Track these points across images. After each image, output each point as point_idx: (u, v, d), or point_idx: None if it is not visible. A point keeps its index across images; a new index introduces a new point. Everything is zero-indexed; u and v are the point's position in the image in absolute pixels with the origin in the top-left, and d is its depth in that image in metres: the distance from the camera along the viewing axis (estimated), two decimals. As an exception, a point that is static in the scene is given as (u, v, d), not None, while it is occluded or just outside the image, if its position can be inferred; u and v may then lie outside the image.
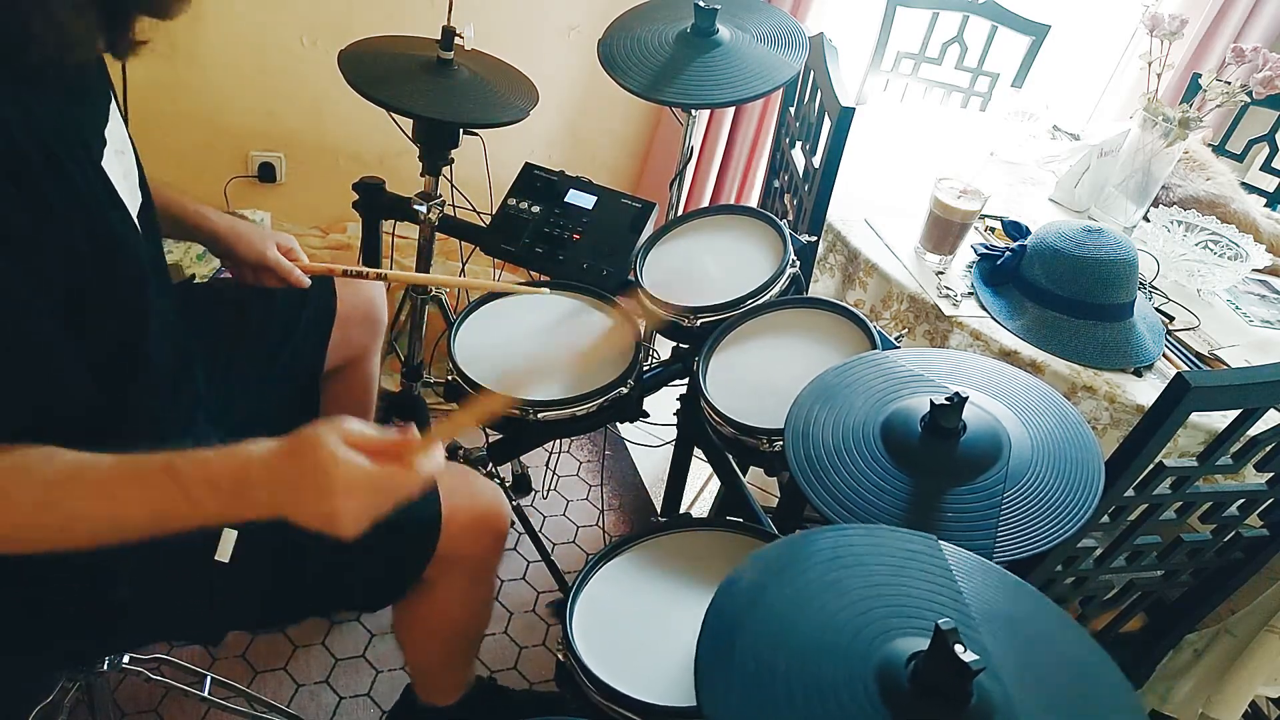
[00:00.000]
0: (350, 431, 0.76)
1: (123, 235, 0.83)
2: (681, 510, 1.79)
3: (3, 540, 0.74)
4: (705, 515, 1.74)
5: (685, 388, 1.54)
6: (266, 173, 2.22)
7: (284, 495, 0.75)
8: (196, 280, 1.80)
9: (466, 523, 1.10)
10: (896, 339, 1.27)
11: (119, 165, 0.85)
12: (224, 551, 0.96)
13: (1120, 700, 0.69)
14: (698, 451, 1.61)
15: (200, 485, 0.74)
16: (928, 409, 0.92)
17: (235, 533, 0.96)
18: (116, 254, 0.82)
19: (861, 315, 1.25)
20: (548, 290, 1.46)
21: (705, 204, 2.49)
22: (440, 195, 1.66)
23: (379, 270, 1.33)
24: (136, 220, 0.89)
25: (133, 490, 0.74)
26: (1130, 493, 1.16)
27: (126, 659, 1.25)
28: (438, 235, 1.69)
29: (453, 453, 1.53)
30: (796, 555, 0.77)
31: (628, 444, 2.24)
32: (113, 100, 0.88)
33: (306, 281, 1.24)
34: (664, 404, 1.61)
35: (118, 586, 0.93)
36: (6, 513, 0.72)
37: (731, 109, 2.36)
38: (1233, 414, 1.12)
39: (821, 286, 1.67)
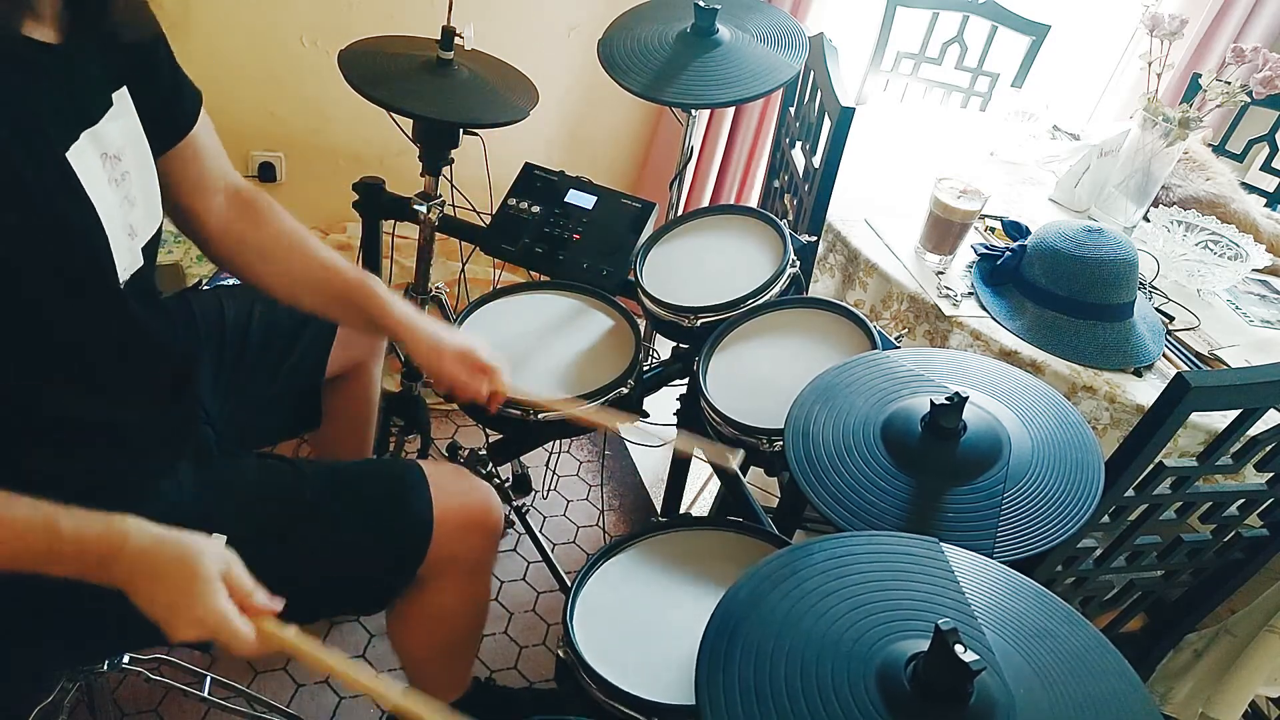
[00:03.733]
0: (233, 573, 0.84)
1: (75, 225, 0.82)
2: (681, 510, 1.79)
3: None
4: (705, 515, 1.74)
5: (685, 388, 1.53)
6: (266, 173, 2.22)
7: (143, 583, 0.80)
8: (203, 285, 1.81)
9: (459, 522, 1.10)
10: (896, 339, 1.28)
11: (104, 170, 0.84)
12: None
13: (1129, 694, 0.69)
14: (698, 451, 1.60)
15: (69, 544, 0.78)
16: (928, 409, 0.92)
17: (224, 539, 0.96)
18: (56, 242, 0.80)
19: (861, 315, 1.25)
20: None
21: (705, 204, 2.49)
22: (440, 195, 1.66)
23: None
24: (141, 246, 0.90)
25: (12, 524, 0.77)
26: (1130, 493, 1.16)
27: (126, 659, 1.25)
28: (438, 235, 1.69)
29: (453, 453, 1.53)
30: (797, 561, 0.77)
31: (628, 444, 2.24)
32: (130, 114, 0.88)
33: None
34: (664, 404, 1.61)
35: (109, 594, 0.93)
36: None
37: (731, 109, 2.36)
38: (1233, 414, 1.12)
39: (821, 286, 1.67)
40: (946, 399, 0.89)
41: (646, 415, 1.43)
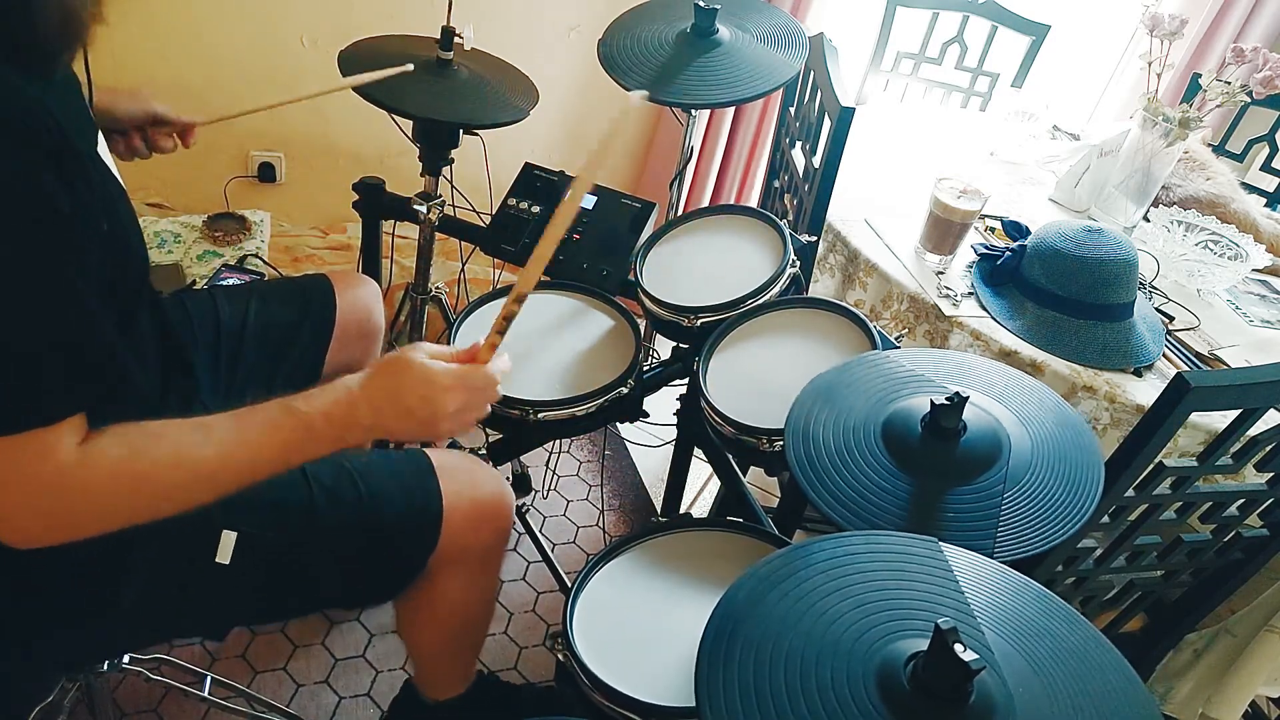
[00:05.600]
0: (429, 349, 0.87)
1: (128, 220, 0.84)
2: (681, 510, 1.79)
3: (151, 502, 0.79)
4: (705, 515, 1.74)
5: (685, 388, 1.54)
6: (266, 173, 2.22)
7: (388, 411, 0.84)
8: (196, 285, 1.81)
9: (469, 512, 1.10)
10: (896, 339, 1.28)
11: (105, 153, 0.86)
12: (224, 554, 0.96)
13: (1129, 693, 0.69)
14: (698, 451, 1.61)
15: (317, 417, 0.83)
16: (928, 409, 0.92)
17: (235, 534, 0.96)
18: (127, 239, 0.83)
19: (861, 315, 1.25)
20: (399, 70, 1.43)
21: (705, 204, 2.49)
22: (440, 195, 1.66)
23: (266, 105, 1.31)
24: None
25: (261, 431, 0.82)
26: (1130, 493, 1.16)
27: (126, 659, 1.25)
28: (438, 235, 1.69)
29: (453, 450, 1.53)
30: (797, 561, 0.77)
31: (628, 444, 2.24)
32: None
33: (196, 122, 1.23)
34: (664, 404, 1.61)
35: (121, 590, 0.93)
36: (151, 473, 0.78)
37: (731, 109, 2.36)
38: (1233, 414, 1.12)
39: (821, 286, 1.67)
40: (946, 399, 0.89)
41: (646, 415, 1.43)
